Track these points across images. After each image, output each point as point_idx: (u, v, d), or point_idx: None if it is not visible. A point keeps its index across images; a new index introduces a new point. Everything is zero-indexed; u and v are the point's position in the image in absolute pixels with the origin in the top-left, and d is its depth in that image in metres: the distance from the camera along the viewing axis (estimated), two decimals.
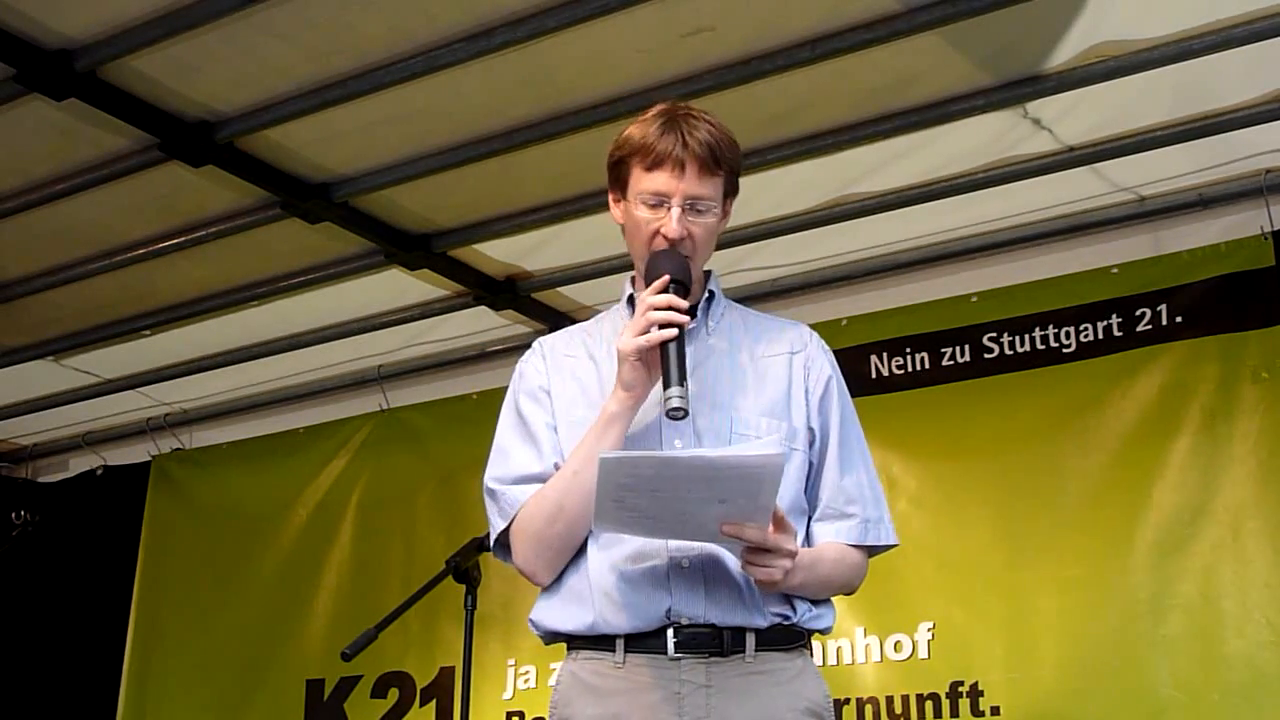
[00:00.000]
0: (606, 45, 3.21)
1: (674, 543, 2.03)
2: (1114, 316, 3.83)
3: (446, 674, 4.60)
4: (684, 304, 2.03)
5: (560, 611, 2.11)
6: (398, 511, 4.90)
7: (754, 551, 1.95)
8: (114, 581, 5.38)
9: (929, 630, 3.83)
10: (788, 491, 2.07)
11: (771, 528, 1.94)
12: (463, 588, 3.09)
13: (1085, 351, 3.85)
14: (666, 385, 1.98)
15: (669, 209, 2.09)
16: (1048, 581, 3.70)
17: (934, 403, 4.03)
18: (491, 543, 2.22)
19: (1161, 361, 3.74)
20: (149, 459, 5.52)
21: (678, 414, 1.96)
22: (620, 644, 2.04)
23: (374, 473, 5.02)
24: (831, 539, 2.14)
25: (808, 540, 2.15)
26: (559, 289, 4.54)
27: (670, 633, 2.01)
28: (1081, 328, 3.87)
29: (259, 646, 5.02)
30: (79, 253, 4.21)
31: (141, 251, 4.16)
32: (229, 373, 5.10)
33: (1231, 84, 3.35)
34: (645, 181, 2.10)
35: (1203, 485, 3.59)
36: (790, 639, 2.08)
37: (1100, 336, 3.83)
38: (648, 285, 2.07)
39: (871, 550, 2.20)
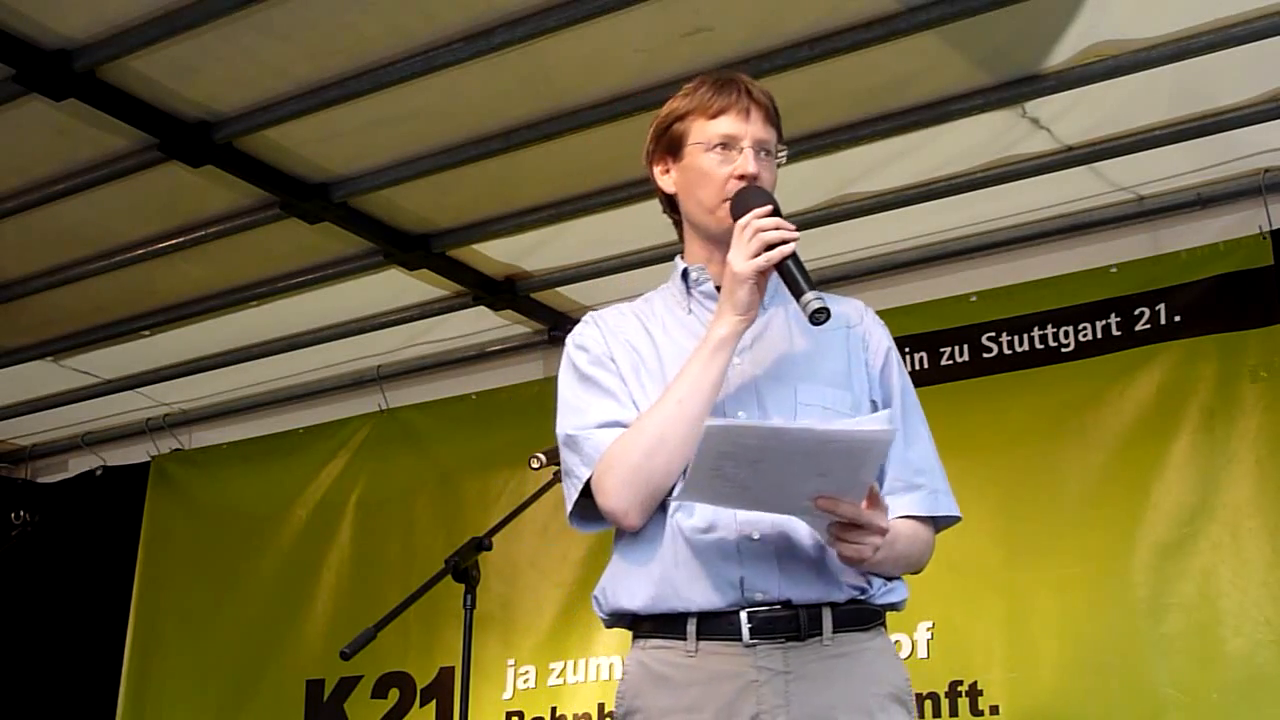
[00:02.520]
0: (605, 45, 3.21)
1: (742, 515, 1.95)
2: (1113, 316, 3.84)
3: (446, 674, 4.60)
4: (792, 225, 1.99)
5: (629, 588, 2.01)
6: (397, 511, 4.90)
7: (845, 527, 1.87)
8: (114, 582, 5.38)
9: (928, 629, 3.83)
10: None
11: (865, 503, 1.87)
12: (462, 587, 3.09)
13: (1084, 351, 3.85)
14: (799, 294, 1.93)
15: (741, 150, 2.06)
16: (1047, 581, 3.70)
17: (933, 402, 3.97)
18: (571, 501, 2.07)
19: (1160, 361, 3.74)
20: (148, 459, 5.52)
21: (821, 316, 1.90)
22: (692, 628, 1.96)
23: (373, 473, 5.02)
24: (903, 511, 2.05)
25: None
26: (558, 289, 4.54)
27: (744, 616, 1.94)
28: (1080, 327, 3.87)
29: (259, 646, 5.02)
30: (79, 253, 4.21)
31: (141, 251, 4.17)
32: (228, 373, 5.10)
33: (1230, 83, 3.35)
34: (711, 128, 2.08)
35: (1201, 484, 3.59)
36: (866, 617, 2.01)
37: (1099, 336, 3.83)
38: (736, 219, 2.00)
39: (938, 524, 2.12)
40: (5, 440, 5.86)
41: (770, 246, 1.96)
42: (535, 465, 3.05)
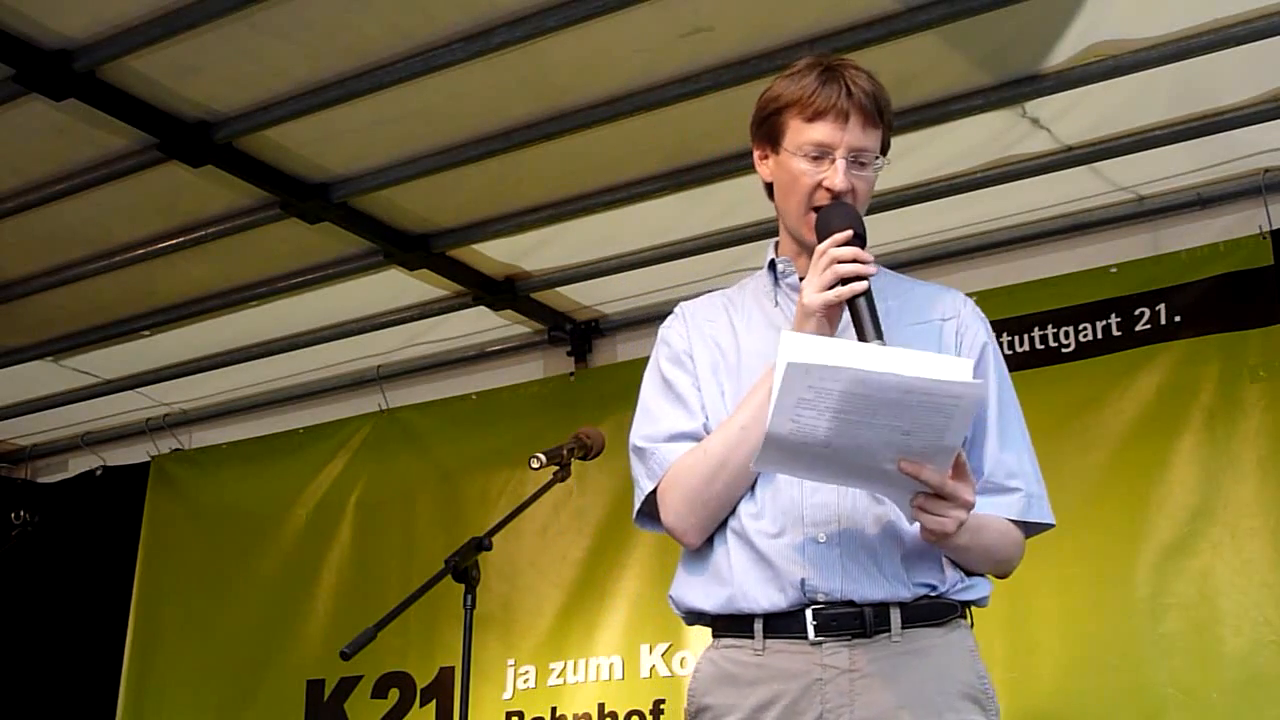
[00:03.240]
0: (605, 45, 3.21)
1: (810, 516, 1.96)
2: (1113, 316, 3.83)
3: (446, 674, 4.60)
4: (869, 256, 1.94)
5: (700, 589, 2.04)
6: (397, 511, 4.90)
7: (929, 498, 1.83)
8: (114, 582, 5.38)
9: None
10: None
11: (951, 473, 1.82)
12: (461, 587, 3.09)
13: (1084, 351, 3.85)
14: (864, 341, 1.90)
15: (832, 161, 2.01)
16: (1047, 580, 3.68)
17: None
18: (635, 508, 2.13)
19: (1160, 361, 3.73)
20: (148, 459, 5.52)
21: None
22: (759, 627, 1.97)
23: (373, 473, 5.02)
24: (993, 514, 2.03)
25: None
26: (558, 289, 4.54)
27: (809, 614, 1.94)
28: (1080, 327, 3.87)
29: (259, 646, 5.02)
30: (79, 253, 4.21)
31: (141, 251, 4.16)
32: (229, 373, 5.10)
33: (1230, 83, 3.35)
34: (806, 133, 2.02)
35: (1202, 484, 3.59)
36: (940, 612, 1.99)
37: (1099, 336, 3.83)
38: (820, 240, 1.97)
39: (1029, 530, 2.09)
40: (5, 440, 5.86)
41: (846, 280, 1.92)
42: (535, 465, 3.04)
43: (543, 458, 3.04)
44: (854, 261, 1.92)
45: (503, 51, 3.19)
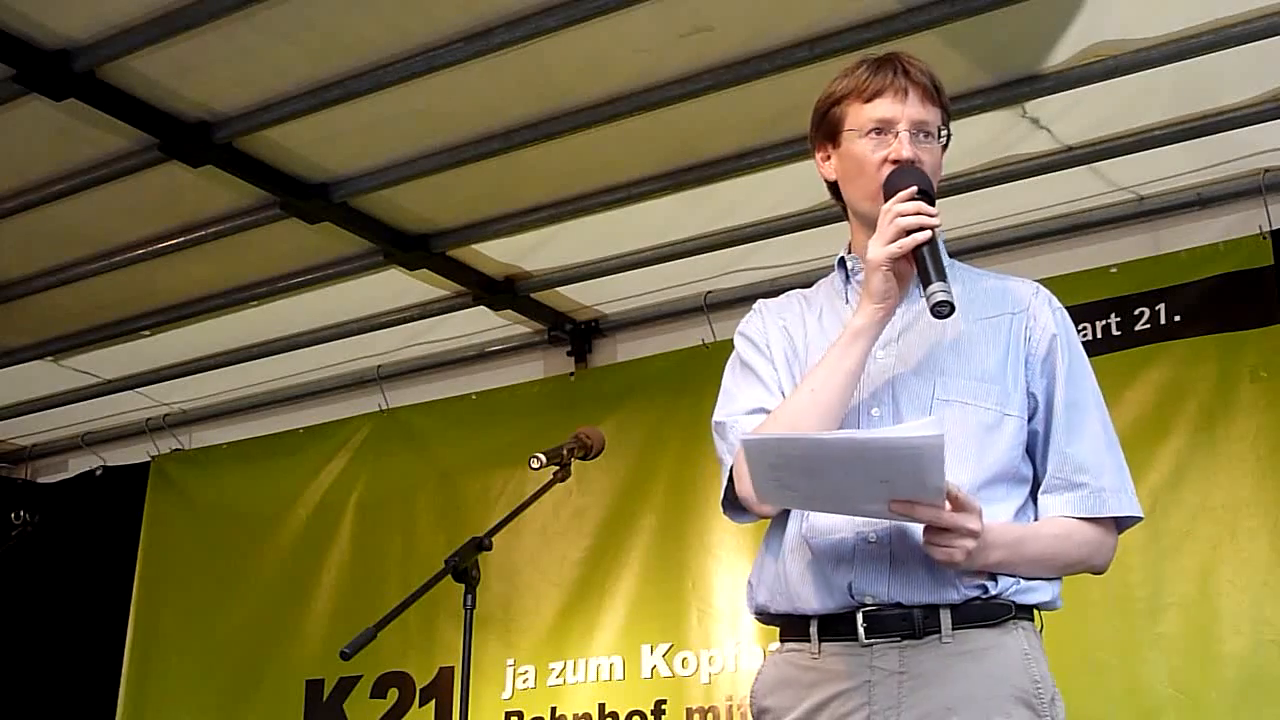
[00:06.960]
0: (605, 45, 3.22)
1: (861, 517, 1.94)
2: (1113, 316, 3.83)
3: (446, 674, 4.60)
4: (933, 209, 1.93)
5: (765, 587, 2.05)
6: (397, 511, 4.90)
7: (932, 530, 1.83)
8: (114, 582, 5.38)
9: None
10: (998, 460, 1.97)
11: (949, 506, 1.81)
12: (461, 587, 3.09)
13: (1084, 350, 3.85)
14: (927, 283, 1.87)
15: (896, 134, 2.00)
16: None
17: None
18: (723, 492, 2.09)
19: (1160, 361, 3.73)
20: (148, 459, 5.52)
21: (943, 309, 1.86)
22: (814, 629, 1.97)
23: (373, 473, 5.02)
24: (1060, 512, 2.01)
25: (1036, 513, 2.03)
26: (558, 289, 4.54)
27: (860, 617, 1.93)
28: (1080, 327, 3.82)
29: (259, 646, 5.02)
30: (79, 253, 4.22)
31: (141, 251, 4.17)
32: (228, 373, 5.11)
33: (1230, 83, 3.35)
34: (866, 112, 2.02)
35: (1201, 484, 3.59)
36: (994, 613, 1.95)
37: (1099, 336, 3.83)
38: (887, 201, 1.96)
39: (1119, 523, 2.06)
40: (5, 440, 5.86)
41: (910, 232, 1.91)
42: (535, 465, 3.04)
43: (543, 458, 3.04)
44: (918, 214, 1.92)
45: (503, 51, 3.19)
